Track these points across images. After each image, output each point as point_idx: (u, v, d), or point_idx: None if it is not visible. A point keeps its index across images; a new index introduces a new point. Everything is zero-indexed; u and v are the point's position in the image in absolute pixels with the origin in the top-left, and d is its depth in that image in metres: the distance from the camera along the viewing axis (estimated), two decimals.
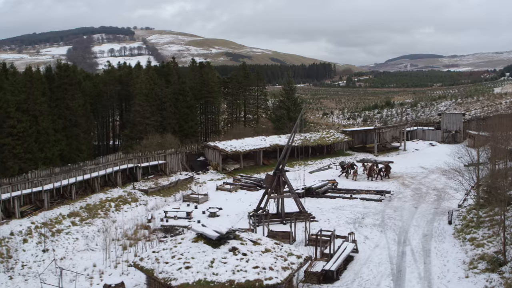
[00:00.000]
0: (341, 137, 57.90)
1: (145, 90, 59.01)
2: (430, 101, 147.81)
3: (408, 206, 34.58)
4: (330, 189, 39.68)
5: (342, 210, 33.89)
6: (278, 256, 19.84)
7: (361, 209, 34.16)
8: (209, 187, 42.18)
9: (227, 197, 39.05)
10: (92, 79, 75.77)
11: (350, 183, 43.35)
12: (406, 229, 29.30)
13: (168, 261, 19.52)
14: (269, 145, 50.05)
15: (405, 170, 48.20)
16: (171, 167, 45.50)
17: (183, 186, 41.73)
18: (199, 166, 47.34)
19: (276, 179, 31.23)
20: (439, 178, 44.31)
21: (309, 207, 34.94)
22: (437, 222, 30.65)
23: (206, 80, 74.31)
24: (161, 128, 59.53)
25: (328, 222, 31.34)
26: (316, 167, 50.89)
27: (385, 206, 34.75)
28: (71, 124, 51.23)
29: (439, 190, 39.42)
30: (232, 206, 35.91)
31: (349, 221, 31.37)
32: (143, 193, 39.03)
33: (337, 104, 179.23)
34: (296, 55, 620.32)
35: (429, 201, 35.98)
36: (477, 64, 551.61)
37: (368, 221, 31.22)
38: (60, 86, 52.09)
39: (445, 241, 27.16)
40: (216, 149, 47.35)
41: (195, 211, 34.94)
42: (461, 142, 64.89)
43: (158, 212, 35.20)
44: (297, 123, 31.22)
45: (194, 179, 43.70)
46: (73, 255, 27.68)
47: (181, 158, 46.77)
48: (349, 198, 37.05)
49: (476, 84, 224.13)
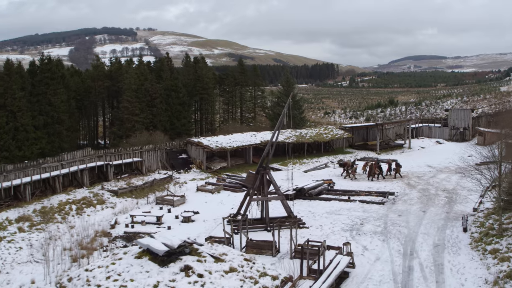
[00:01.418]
0: (340, 133, 53.00)
1: (134, 85, 55.82)
2: (435, 99, 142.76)
3: (415, 210, 29.69)
4: (325, 190, 34.84)
5: (338, 215, 29.01)
6: (247, 278, 15.09)
7: (360, 213, 29.29)
8: (190, 188, 37.43)
9: (208, 199, 34.28)
10: (80, 74, 72.62)
11: (349, 183, 38.48)
12: (413, 238, 24.42)
13: (101, 284, 14.77)
14: (260, 141, 45.22)
15: (410, 169, 43.28)
16: (148, 165, 40.80)
17: (160, 187, 36.97)
18: (181, 165, 42.54)
19: (259, 178, 26.40)
20: (448, 178, 39.45)
21: (299, 211, 30.14)
22: (450, 229, 25.76)
23: (201, 76, 70.93)
24: (151, 126, 56.66)
25: (320, 229, 26.49)
26: (312, 165, 46.04)
27: (388, 210, 29.88)
28: (53, 121, 47.79)
29: (450, 191, 34.55)
30: (212, 210, 31.16)
31: (345, 227, 26.50)
32: (112, 194, 34.31)
33: (339, 103, 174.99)
34: (299, 56, 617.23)
35: (439, 204, 31.07)
36: (481, 65, 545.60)
37: (368, 228, 26.35)
38: (42, 81, 48.50)
39: (461, 253, 22.28)
40: (199, 146, 42.51)
41: (168, 216, 30.21)
42: (469, 140, 60.11)
43: (125, 217, 30.47)
44: (284, 112, 26.33)
45: (173, 178, 38.91)
46: (12, 268, 22.89)
47: (160, 156, 42.06)
48: (347, 200, 32.17)
49: (481, 84, 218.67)
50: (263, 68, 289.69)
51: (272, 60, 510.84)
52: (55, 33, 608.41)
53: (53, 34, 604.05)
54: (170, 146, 44.00)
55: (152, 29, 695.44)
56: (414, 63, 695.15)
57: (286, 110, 26.34)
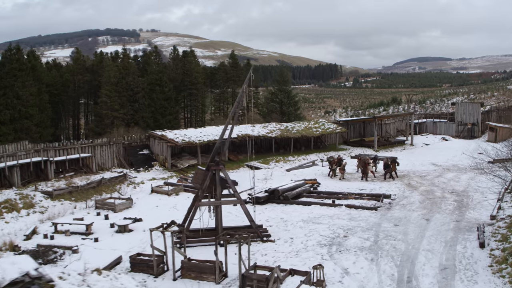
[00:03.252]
0: (332, 127, 46.51)
1: (113, 79, 51.38)
2: (440, 97, 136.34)
3: (416, 218, 23.26)
4: (306, 192, 28.42)
5: (317, 224, 22.60)
6: None
7: (346, 221, 22.87)
8: (146, 189, 31.14)
9: (161, 202, 27.94)
10: (60, 68, 67.91)
11: (338, 184, 32.06)
12: (413, 257, 18.00)
13: None
14: (237, 135, 38.94)
15: (412, 167, 36.93)
16: (101, 162, 34.59)
17: (110, 188, 30.68)
18: (141, 162, 36.25)
19: (210, 176, 20.06)
20: (457, 177, 33.05)
21: (269, 218, 23.84)
22: (462, 244, 19.32)
23: (189, 70, 66.04)
24: (132, 122, 52.27)
25: (290, 243, 20.11)
26: (297, 163, 39.69)
27: (381, 218, 23.45)
28: (21, 115, 43.38)
29: (460, 194, 28.10)
30: (160, 216, 24.75)
31: (323, 241, 20.09)
32: (47, 196, 28.06)
33: (341, 103, 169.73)
34: (303, 58, 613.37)
35: (447, 210, 24.61)
36: (486, 67, 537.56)
37: (353, 242, 19.93)
38: (9, 72, 43.84)
39: (479, 280, 15.87)
40: (163, 140, 36.13)
41: (103, 223, 23.93)
42: (479, 136, 53.63)
43: (50, 224, 24.20)
44: (243, 89, 19.92)
45: (127, 177, 32.60)
46: None
47: (117, 151, 35.78)
48: (331, 205, 25.72)
49: (487, 83, 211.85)
50: (266, 68, 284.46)
51: (275, 62, 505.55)
52: (58, 34, 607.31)
53: (56, 36, 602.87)
54: (129, 140, 37.71)
55: (155, 31, 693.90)
56: (419, 64, 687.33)
57: (245, 86, 19.98)
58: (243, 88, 19.95)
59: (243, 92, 19.96)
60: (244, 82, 20.28)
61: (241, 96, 20.01)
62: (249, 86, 20.08)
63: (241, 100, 19.99)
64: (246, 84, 20.07)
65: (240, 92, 20.11)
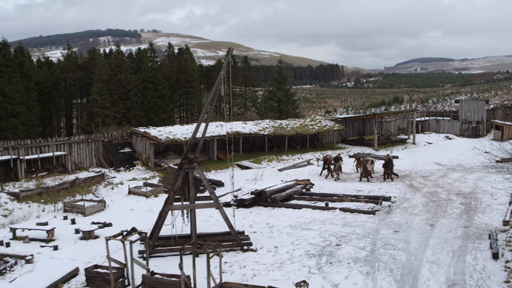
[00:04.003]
0: (330, 125, 43.88)
1: (105, 76, 49.75)
2: (443, 96, 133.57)
3: (419, 223, 20.66)
4: (297, 194, 25.84)
5: (306, 230, 20.00)
6: None
7: (339, 227, 20.27)
8: (123, 190, 28.57)
9: (137, 205, 25.37)
10: (51, 65, 65.92)
11: (333, 184, 29.46)
12: (415, 270, 15.40)
13: None
14: (226, 132, 36.38)
15: (414, 167, 34.37)
16: (78, 161, 32.07)
17: (84, 189, 28.16)
18: (122, 161, 33.64)
19: (183, 176, 17.51)
20: (463, 178, 30.45)
21: (254, 223, 21.28)
22: (472, 254, 16.73)
23: (185, 67, 64.39)
24: (124, 121, 50.55)
25: (274, 252, 17.52)
26: (291, 163, 37.10)
27: (380, 223, 20.85)
28: (7, 113, 41.45)
29: (467, 196, 25.50)
30: (133, 220, 22.29)
31: (312, 251, 17.50)
32: (13, 198, 25.54)
33: (342, 103, 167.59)
34: (304, 58, 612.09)
35: (453, 214, 22.00)
36: (488, 68, 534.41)
37: (346, 251, 17.34)
38: None
39: None
40: (145, 137, 33.54)
41: (68, 229, 21.41)
42: (484, 135, 51.05)
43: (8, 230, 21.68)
44: (221, 77, 17.32)
45: (105, 178, 30.02)
46: None
47: (96, 149, 33.24)
48: (324, 208, 23.11)
49: (489, 83, 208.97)
50: (267, 68, 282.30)
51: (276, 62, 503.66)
52: (59, 35, 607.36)
53: (57, 36, 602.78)
54: (109, 137, 35.14)
55: (157, 31, 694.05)
56: (421, 65, 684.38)
57: (223, 73, 17.40)
58: (221, 75, 17.39)
59: (220, 79, 17.40)
60: (222, 69, 17.73)
61: (218, 83, 17.46)
62: (227, 73, 17.48)
63: (219, 88, 17.43)
64: (224, 71, 17.50)
65: (217, 80, 17.54)
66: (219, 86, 17.45)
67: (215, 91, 17.54)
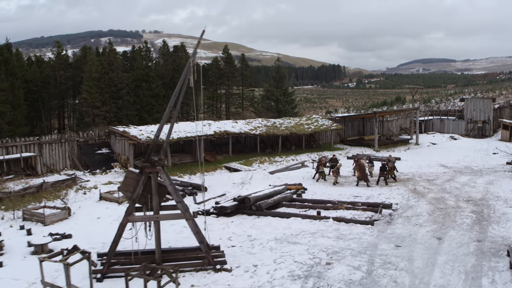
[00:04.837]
0: (327, 124, 41.06)
1: (95, 74, 47.87)
2: (446, 96, 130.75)
3: (425, 236, 17.83)
4: (287, 201, 23.04)
5: (293, 244, 17.19)
6: None
7: (331, 241, 17.45)
8: (95, 196, 25.81)
9: (107, 212, 22.57)
10: (42, 64, 63.59)
11: (328, 189, 26.61)
12: None
13: None
14: (214, 131, 33.60)
15: (417, 169, 31.59)
16: (50, 163, 29.39)
17: (53, 194, 25.42)
18: (99, 162, 30.89)
19: (144, 181, 14.72)
20: (472, 182, 27.62)
21: (233, 235, 18.48)
22: (488, 276, 13.92)
23: (180, 66, 62.05)
24: (115, 120, 48.17)
25: (252, 273, 14.71)
26: (285, 165, 34.31)
27: (379, 236, 18.02)
28: None
29: (478, 203, 22.66)
30: (98, 231, 19.53)
31: (297, 271, 14.68)
32: None
33: (343, 103, 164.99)
34: (306, 59, 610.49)
35: (463, 225, 19.17)
36: (490, 68, 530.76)
37: (338, 272, 14.51)
38: None
39: None
40: (124, 137, 30.76)
41: (20, 241, 18.66)
42: (490, 135, 48.26)
43: None
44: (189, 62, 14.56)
45: (77, 181, 27.27)
46: None
47: (70, 150, 30.49)
48: (315, 217, 20.28)
49: (492, 84, 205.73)
50: (268, 69, 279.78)
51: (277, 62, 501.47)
52: (61, 35, 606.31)
53: (58, 37, 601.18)
54: (85, 137, 32.39)
55: (158, 32, 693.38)
56: (423, 66, 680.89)
57: (192, 59, 14.60)
58: (189, 62, 14.62)
59: (189, 66, 14.63)
60: (191, 55, 14.97)
61: (187, 72, 14.68)
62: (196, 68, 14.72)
63: (187, 77, 14.65)
64: (194, 57, 14.74)
65: (185, 68, 14.75)
66: (188, 75, 14.66)
67: (183, 81, 14.75)
